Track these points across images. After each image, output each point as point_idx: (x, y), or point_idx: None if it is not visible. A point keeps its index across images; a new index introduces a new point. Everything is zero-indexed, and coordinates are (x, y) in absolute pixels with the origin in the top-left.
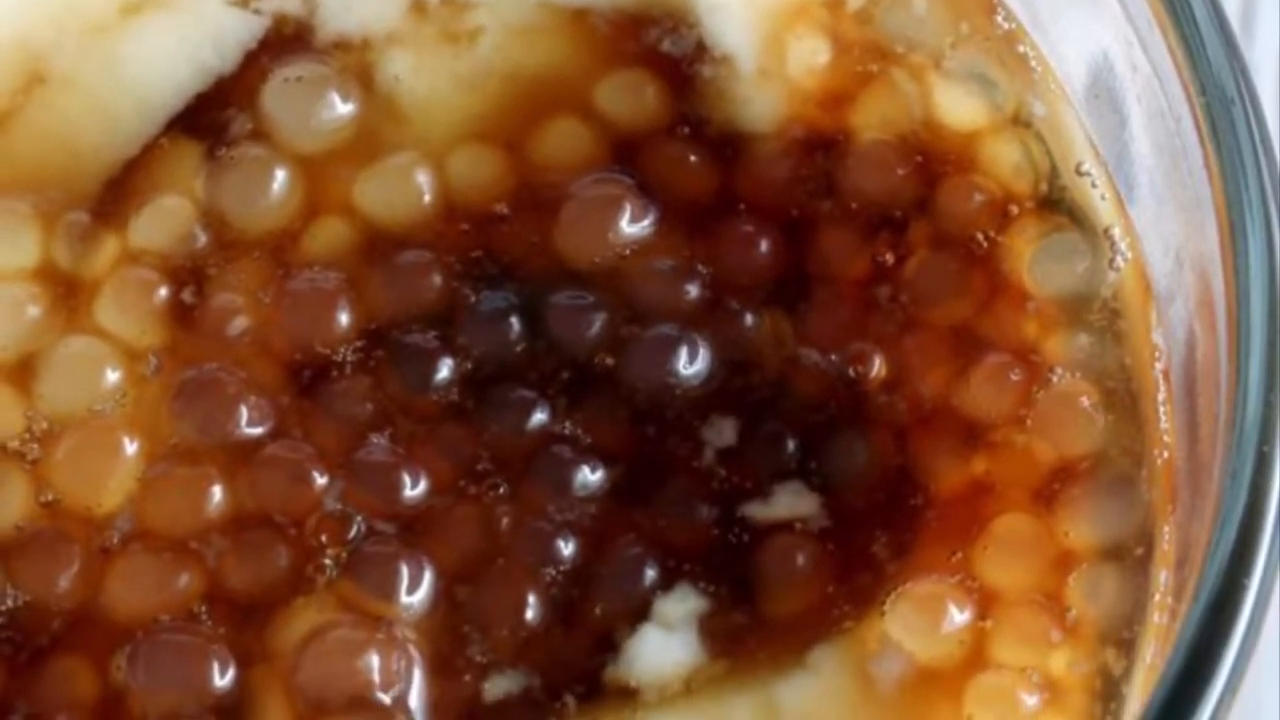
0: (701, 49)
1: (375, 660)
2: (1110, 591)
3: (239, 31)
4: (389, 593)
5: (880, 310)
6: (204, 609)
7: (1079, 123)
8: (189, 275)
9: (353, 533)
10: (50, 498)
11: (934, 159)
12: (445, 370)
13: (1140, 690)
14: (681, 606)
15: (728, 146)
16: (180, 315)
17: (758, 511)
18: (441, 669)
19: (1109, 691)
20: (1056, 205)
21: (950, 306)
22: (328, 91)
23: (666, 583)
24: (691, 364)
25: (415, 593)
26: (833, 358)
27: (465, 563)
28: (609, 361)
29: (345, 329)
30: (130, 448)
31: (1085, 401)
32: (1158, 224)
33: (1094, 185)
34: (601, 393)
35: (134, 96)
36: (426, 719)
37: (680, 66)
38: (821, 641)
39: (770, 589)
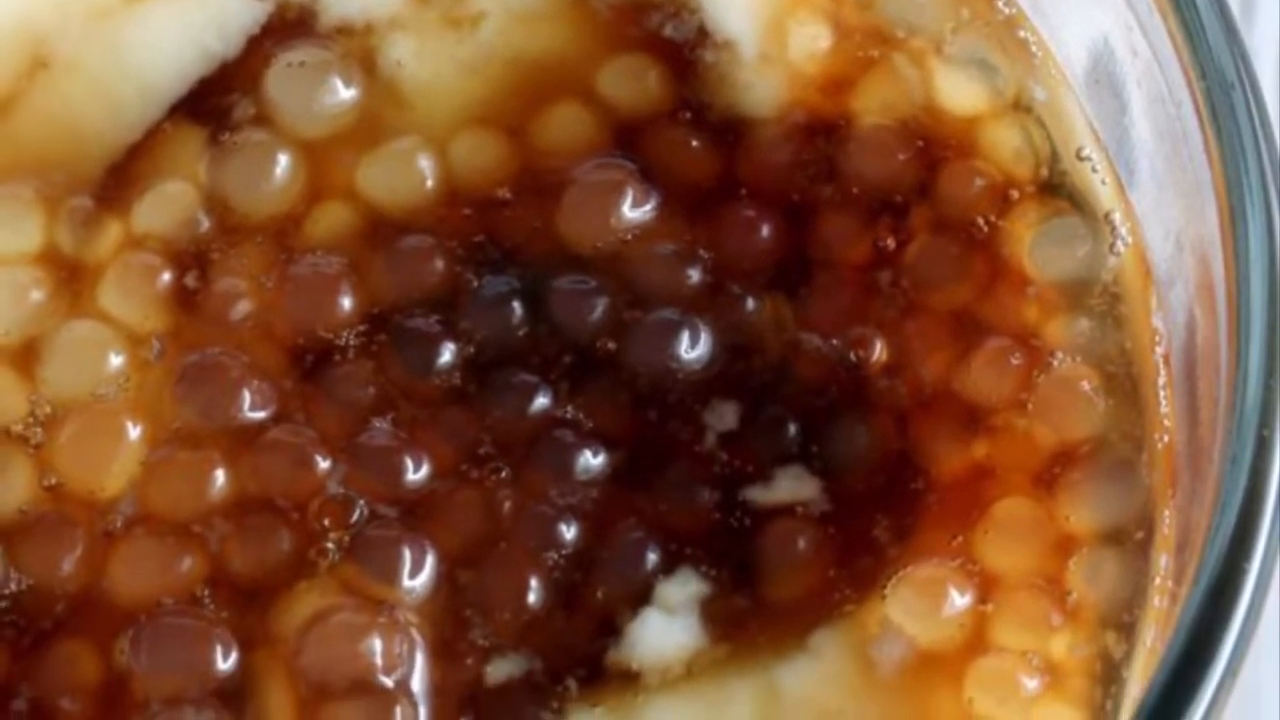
0: (703, 34)
1: (377, 644)
2: (1111, 575)
3: (242, 16)
4: (391, 576)
5: (881, 295)
6: (206, 592)
7: (1079, 107)
8: (192, 260)
9: (355, 517)
10: (53, 481)
11: (935, 144)
12: (447, 354)
13: (1140, 674)
14: (683, 590)
15: (729, 131)
16: (183, 300)
17: (759, 495)
18: (443, 652)
19: (1109, 675)
20: (1057, 190)
21: (951, 291)
22: (330, 76)
23: (668, 566)
24: (693, 348)
25: (417, 576)
26: (834, 342)
27: (467, 546)
28: (611, 346)
29: (348, 313)
30: (133, 432)
31: (1086, 386)
32: (1158, 208)
33: (1094, 170)
34: (603, 377)
35: (137, 81)
36: (428, 702)
37: (682, 51)
38: (822, 625)
39: (771, 573)
